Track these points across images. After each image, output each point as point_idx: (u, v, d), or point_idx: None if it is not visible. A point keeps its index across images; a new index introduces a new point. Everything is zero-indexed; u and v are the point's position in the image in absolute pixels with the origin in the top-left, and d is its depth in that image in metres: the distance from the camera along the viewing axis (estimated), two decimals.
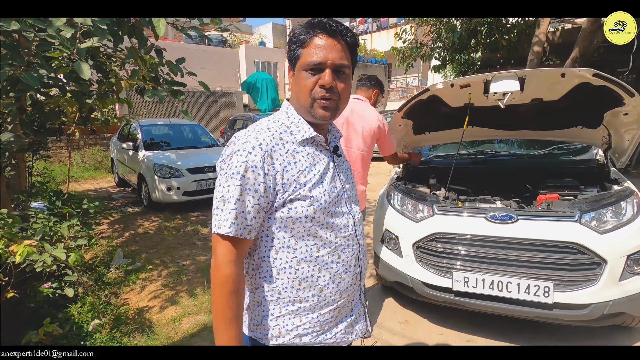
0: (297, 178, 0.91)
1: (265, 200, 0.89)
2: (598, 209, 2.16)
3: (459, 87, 2.33)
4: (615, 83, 2.06)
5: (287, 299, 0.95)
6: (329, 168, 0.98)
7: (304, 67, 0.92)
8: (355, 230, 1.02)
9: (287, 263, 0.94)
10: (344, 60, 0.93)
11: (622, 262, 2.05)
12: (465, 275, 2.27)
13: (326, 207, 0.94)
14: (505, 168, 3.01)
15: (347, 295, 1.01)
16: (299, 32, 0.94)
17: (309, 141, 0.97)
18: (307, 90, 0.92)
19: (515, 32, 8.56)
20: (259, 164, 0.87)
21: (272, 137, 0.91)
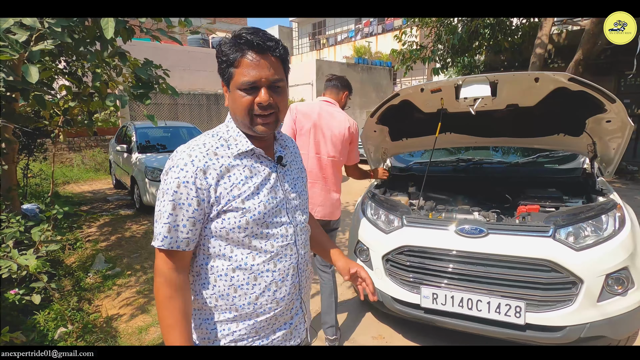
0: (230, 191, 0.94)
1: (199, 213, 0.93)
2: (576, 223, 2.01)
3: (430, 92, 2.20)
4: (594, 88, 1.91)
5: (223, 305, 0.98)
6: (268, 179, 1.01)
7: (238, 86, 0.93)
8: (295, 240, 1.03)
9: (222, 271, 0.97)
10: (277, 75, 0.95)
11: (600, 281, 1.90)
12: (433, 291, 2.14)
13: (260, 218, 0.96)
14: (488, 177, 2.86)
15: (285, 303, 1.03)
16: (228, 51, 0.93)
17: (248, 154, 0.99)
18: (245, 108, 0.94)
19: (519, 34, 8.35)
20: (191, 180, 0.91)
21: (205, 153, 0.94)
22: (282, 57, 0.98)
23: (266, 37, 0.93)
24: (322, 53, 19.83)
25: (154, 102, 10.59)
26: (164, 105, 10.93)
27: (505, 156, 3.24)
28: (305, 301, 1.12)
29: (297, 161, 1.16)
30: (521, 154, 3.14)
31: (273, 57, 0.94)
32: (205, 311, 0.99)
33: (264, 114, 0.95)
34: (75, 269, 3.83)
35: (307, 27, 22.74)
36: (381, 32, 17.57)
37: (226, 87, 0.99)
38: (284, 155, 1.09)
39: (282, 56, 0.97)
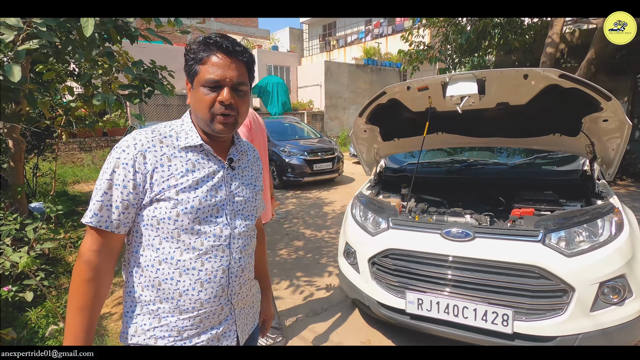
0: (166, 180, 0.94)
1: (134, 197, 0.93)
2: (569, 227, 1.90)
3: (417, 90, 2.13)
4: (587, 85, 1.80)
5: (147, 297, 0.97)
6: (212, 177, 1.01)
7: (202, 83, 0.95)
8: (229, 243, 1.02)
9: (150, 261, 0.96)
10: (241, 78, 0.98)
11: (593, 289, 1.79)
12: (419, 297, 2.06)
13: (192, 212, 0.95)
14: (483, 178, 2.76)
15: (210, 305, 1.00)
16: (196, 49, 0.96)
17: (196, 149, 1.00)
18: (207, 105, 0.96)
19: (531, 33, 8.14)
20: (130, 162, 0.92)
21: (151, 139, 0.96)
22: (248, 64, 1.01)
23: (235, 42, 0.97)
24: (332, 54, 19.80)
25: (163, 103, 10.74)
26: (172, 107, 11.07)
27: (502, 157, 3.13)
28: (238, 308, 1.08)
29: (254, 169, 1.16)
30: (520, 155, 3.03)
31: (240, 60, 0.97)
32: (129, 302, 1.00)
33: (224, 113, 0.96)
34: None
35: (318, 28, 22.76)
36: (391, 33, 17.43)
37: (190, 85, 1.00)
38: (238, 160, 1.10)
39: (247, 62, 1.00)
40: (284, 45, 19.95)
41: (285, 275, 3.75)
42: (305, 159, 7.60)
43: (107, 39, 3.09)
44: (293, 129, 9.10)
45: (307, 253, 4.39)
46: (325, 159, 7.83)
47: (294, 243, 4.74)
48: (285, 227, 5.37)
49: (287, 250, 4.49)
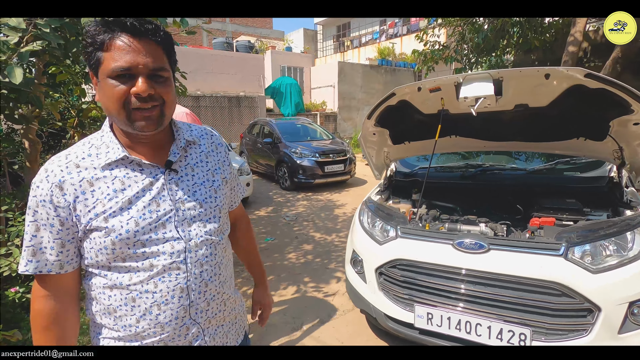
0: (92, 208, 0.83)
1: (66, 233, 0.84)
2: (594, 240, 1.75)
3: (429, 91, 2.01)
4: (617, 86, 1.65)
5: (108, 324, 0.90)
6: (148, 190, 0.87)
7: (108, 73, 0.79)
8: (185, 258, 0.89)
9: (100, 289, 0.88)
10: (159, 62, 0.82)
11: (621, 310, 1.63)
12: (428, 311, 1.94)
13: (129, 237, 0.84)
14: (500, 184, 2.60)
15: (172, 328, 0.89)
16: (95, 32, 0.79)
17: (122, 162, 0.86)
18: (119, 100, 0.80)
19: (552, 32, 7.83)
20: (47, 198, 0.82)
21: (65, 166, 0.83)
22: (165, 44, 0.84)
23: (143, 20, 0.81)
24: (347, 55, 19.67)
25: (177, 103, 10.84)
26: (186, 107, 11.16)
27: (520, 162, 2.96)
28: (210, 327, 0.96)
29: (208, 162, 1.00)
30: (541, 160, 2.85)
31: (153, 41, 0.81)
32: (95, 328, 0.93)
33: (144, 106, 0.80)
34: None
35: (332, 29, 22.67)
36: (406, 33, 17.18)
37: (95, 77, 0.83)
38: (186, 156, 0.95)
39: (164, 42, 0.84)
40: (297, 46, 19.94)
41: (293, 280, 3.67)
42: (317, 160, 7.51)
43: None
44: (305, 130, 9.03)
45: (315, 257, 4.29)
46: (337, 160, 7.72)
47: (303, 246, 4.66)
48: (295, 230, 5.30)
49: (296, 254, 4.41)
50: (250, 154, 9.31)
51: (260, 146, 8.70)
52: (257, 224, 5.56)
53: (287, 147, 7.82)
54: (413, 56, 8.42)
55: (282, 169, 7.83)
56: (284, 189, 7.85)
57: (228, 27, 21.35)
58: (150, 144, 0.90)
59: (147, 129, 0.83)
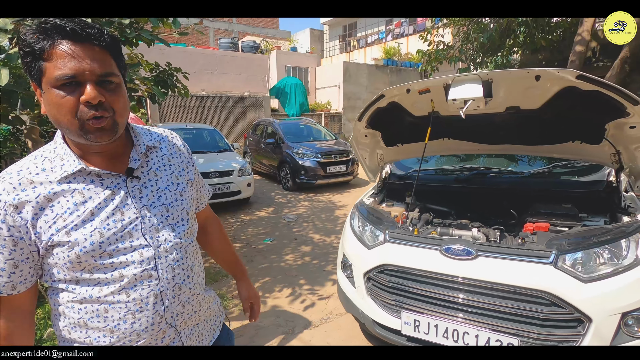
0: (53, 224, 0.80)
1: (20, 253, 0.80)
2: (587, 248, 1.68)
3: (418, 92, 1.96)
4: (610, 88, 1.58)
5: (79, 339, 0.87)
6: (111, 200, 0.84)
7: (53, 83, 0.74)
8: (155, 264, 0.88)
9: (70, 304, 0.85)
10: (106, 68, 0.78)
11: (613, 321, 1.57)
12: (415, 318, 1.89)
13: (95, 249, 0.81)
14: (495, 188, 2.54)
15: (149, 335, 0.88)
16: (32, 40, 0.74)
17: (80, 173, 0.83)
18: (68, 111, 0.75)
19: (559, 31, 7.68)
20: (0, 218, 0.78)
21: (18, 183, 0.79)
22: (111, 48, 0.80)
23: (84, 24, 0.76)
24: (353, 55, 19.60)
25: (181, 104, 10.91)
26: (191, 108, 11.22)
27: (519, 165, 2.89)
28: (185, 328, 0.96)
29: (173, 163, 0.98)
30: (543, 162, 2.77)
31: (97, 47, 0.77)
32: (65, 340, 0.90)
33: (95, 114, 0.76)
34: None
35: (338, 29, 22.61)
36: (412, 33, 17.05)
37: (38, 89, 0.79)
38: (147, 161, 0.93)
39: (110, 46, 0.79)
40: (303, 46, 19.93)
41: (289, 282, 3.64)
42: (319, 161, 7.48)
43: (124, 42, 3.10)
44: (308, 131, 9.00)
45: (313, 259, 4.26)
46: (339, 161, 7.68)
47: (301, 248, 4.63)
48: (294, 231, 5.27)
49: (294, 256, 4.39)
50: (254, 155, 9.32)
51: (263, 146, 8.71)
52: (256, 224, 5.55)
53: (290, 147, 7.80)
54: (418, 56, 8.34)
55: (285, 169, 7.81)
56: (286, 189, 7.83)
57: (235, 28, 21.44)
58: (106, 153, 0.87)
59: (102, 140, 0.80)
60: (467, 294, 1.77)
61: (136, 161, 0.90)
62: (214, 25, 20.74)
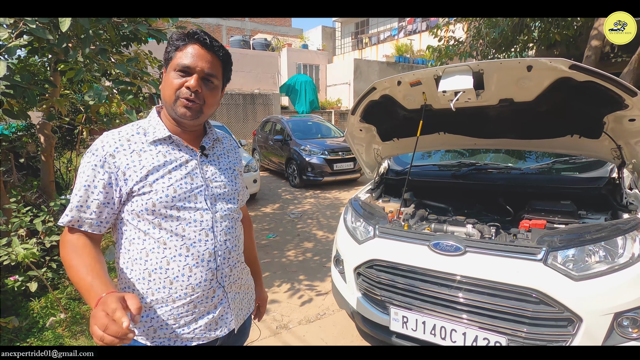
0: (139, 174, 0.97)
1: (104, 196, 0.96)
2: (579, 245, 1.62)
3: (409, 85, 1.92)
4: (605, 78, 1.51)
5: (141, 290, 0.99)
6: (185, 165, 1.03)
7: (174, 67, 0.99)
8: (212, 226, 1.04)
9: (137, 254, 0.99)
10: (213, 70, 1.01)
11: (606, 321, 1.51)
12: (404, 314, 1.86)
13: (168, 201, 0.98)
14: (492, 183, 2.47)
15: (202, 290, 1.02)
16: (177, 38, 1.00)
17: (165, 141, 1.03)
18: (174, 88, 0.98)
19: (575, 26, 7.43)
20: (99, 163, 0.95)
21: (118, 139, 0.99)
22: (224, 61, 1.04)
23: (214, 39, 1.01)
24: (365, 52, 19.46)
25: None
26: None
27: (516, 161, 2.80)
28: (231, 291, 1.10)
29: (229, 156, 1.18)
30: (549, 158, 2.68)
31: (215, 55, 1.01)
32: None
33: (189, 97, 0.97)
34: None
35: (350, 26, 22.47)
36: (425, 30, 16.80)
37: (165, 69, 1.03)
38: (212, 147, 1.13)
39: (223, 59, 1.03)
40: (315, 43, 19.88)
41: (288, 278, 3.65)
42: (326, 158, 7.45)
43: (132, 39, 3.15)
44: (317, 128, 8.98)
45: (314, 255, 4.26)
46: (347, 158, 7.64)
47: (303, 244, 4.63)
48: (298, 228, 5.28)
49: (295, 252, 4.39)
50: (262, 152, 9.36)
51: (271, 143, 8.73)
52: (261, 220, 5.57)
53: (297, 144, 7.80)
54: (428, 52, 8.21)
55: (292, 166, 7.82)
56: (293, 186, 7.85)
57: (247, 25, 21.56)
58: (188, 133, 1.07)
59: (186, 117, 1.00)
60: (455, 290, 1.73)
61: (207, 143, 1.11)
62: (227, 24, 20.91)
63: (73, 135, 6.40)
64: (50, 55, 3.47)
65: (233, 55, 1.05)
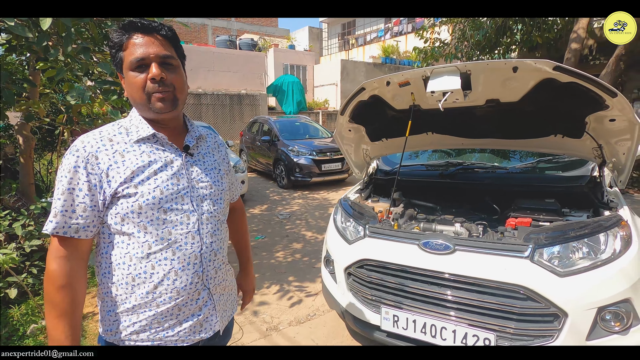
0: (123, 175, 0.94)
1: (90, 199, 0.93)
2: (564, 242, 1.66)
3: (398, 85, 1.94)
4: (587, 79, 1.56)
5: (123, 295, 0.97)
6: (171, 165, 1.00)
7: (129, 67, 0.96)
8: (198, 228, 1.01)
9: (120, 259, 0.96)
10: (167, 50, 0.97)
11: (589, 315, 1.55)
12: (394, 313, 1.88)
13: (155, 203, 0.95)
14: (479, 183, 2.51)
15: (187, 293, 1.00)
16: (114, 37, 0.97)
17: (149, 140, 1.00)
18: (139, 87, 0.95)
19: (556, 29, 7.63)
20: (82, 164, 0.92)
21: (99, 139, 0.95)
22: (170, 37, 1.00)
23: (151, 20, 0.98)
24: (351, 53, 19.55)
25: None
26: (187, 106, 11.18)
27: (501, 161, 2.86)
28: (216, 293, 1.08)
29: (214, 154, 1.16)
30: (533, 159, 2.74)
31: (159, 36, 0.97)
32: (107, 302, 0.99)
33: (158, 89, 0.95)
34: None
35: (337, 27, 22.55)
36: (411, 31, 16.99)
37: (121, 75, 1.00)
38: (197, 146, 1.10)
39: (169, 36, 0.99)
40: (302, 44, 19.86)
41: (277, 279, 3.62)
42: (314, 158, 7.45)
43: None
44: (304, 128, 8.97)
45: (303, 256, 4.25)
46: (335, 159, 7.65)
47: (292, 245, 4.61)
48: (286, 229, 5.25)
49: (284, 253, 4.37)
50: (250, 152, 9.29)
51: (258, 144, 8.68)
52: (249, 222, 5.53)
53: (285, 145, 7.78)
54: (415, 53, 8.31)
55: (280, 167, 7.79)
56: (281, 187, 7.81)
57: (233, 25, 21.39)
58: (169, 130, 1.04)
59: (164, 110, 0.97)
60: (445, 288, 1.75)
61: (191, 142, 1.07)
62: (212, 23, 20.68)
63: (53, 136, 6.22)
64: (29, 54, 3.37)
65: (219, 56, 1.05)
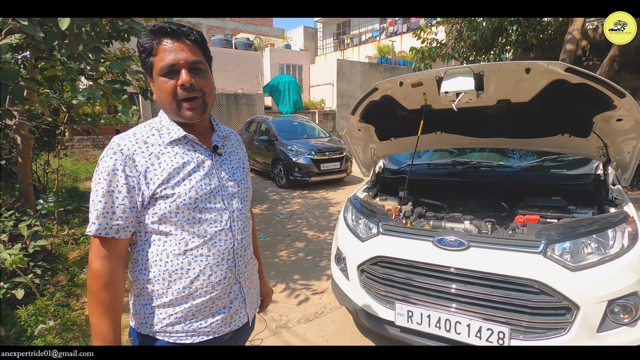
0: (160, 177, 0.96)
1: (130, 201, 0.96)
2: (574, 238, 1.72)
3: (411, 85, 1.98)
4: (597, 80, 1.62)
5: (160, 290, 1.00)
6: (202, 166, 1.03)
7: (160, 72, 0.97)
8: (230, 225, 1.06)
9: (157, 256, 1.00)
10: (196, 56, 0.98)
11: (600, 308, 1.61)
12: (409, 308, 1.92)
13: (191, 203, 0.99)
14: (486, 181, 2.57)
15: (221, 287, 1.05)
16: (144, 42, 0.99)
17: (181, 141, 1.03)
18: (169, 94, 0.97)
19: (551, 30, 7.76)
20: (120, 167, 0.94)
21: (135, 142, 0.97)
22: (199, 42, 1.01)
23: (180, 25, 0.99)
24: (347, 53, 19.59)
25: None
26: None
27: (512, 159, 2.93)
28: (245, 286, 1.13)
29: (238, 153, 1.19)
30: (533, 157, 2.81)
31: (188, 41, 0.98)
32: (143, 297, 1.02)
33: (188, 96, 0.97)
34: (70, 265, 3.86)
35: (332, 27, 22.58)
36: (406, 31, 17.10)
37: (151, 79, 1.02)
38: (223, 146, 1.13)
39: (197, 40, 1.01)
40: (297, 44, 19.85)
41: (282, 278, 3.65)
42: (313, 158, 7.48)
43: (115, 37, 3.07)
44: (302, 128, 8.99)
45: (307, 255, 4.27)
46: (333, 158, 7.69)
47: (295, 244, 4.64)
48: (287, 228, 5.28)
49: (287, 252, 4.39)
50: (247, 152, 9.20)
51: (256, 144, 8.68)
52: None
53: (283, 144, 7.79)
54: (411, 54, 8.38)
55: (278, 166, 7.80)
56: (280, 186, 7.83)
57: (228, 25, 21.30)
58: (197, 130, 1.06)
59: (194, 118, 1.00)
60: (459, 284, 1.79)
61: (219, 142, 1.10)
62: (207, 22, 20.57)
63: (51, 136, 6.15)
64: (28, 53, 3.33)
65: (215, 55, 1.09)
